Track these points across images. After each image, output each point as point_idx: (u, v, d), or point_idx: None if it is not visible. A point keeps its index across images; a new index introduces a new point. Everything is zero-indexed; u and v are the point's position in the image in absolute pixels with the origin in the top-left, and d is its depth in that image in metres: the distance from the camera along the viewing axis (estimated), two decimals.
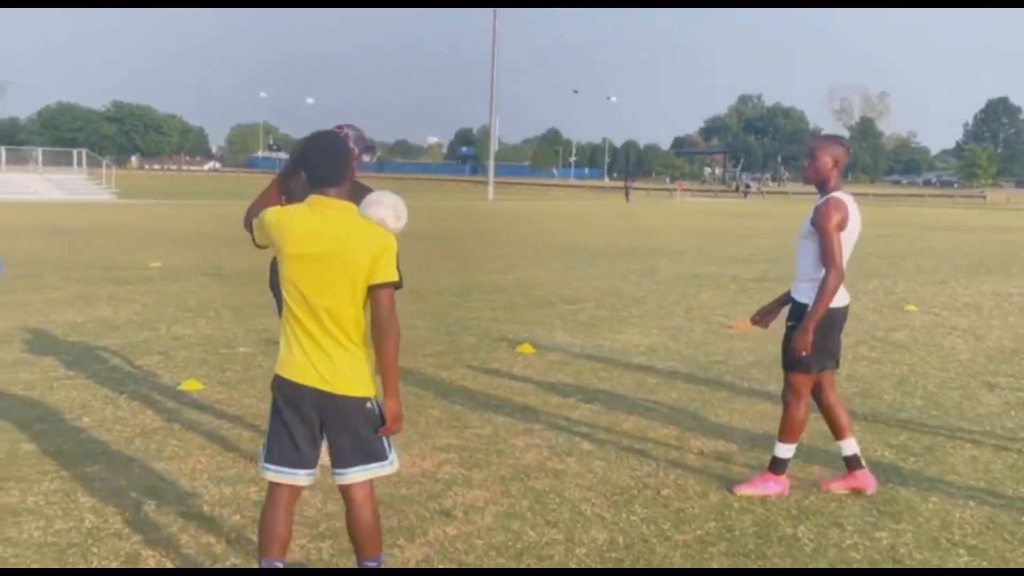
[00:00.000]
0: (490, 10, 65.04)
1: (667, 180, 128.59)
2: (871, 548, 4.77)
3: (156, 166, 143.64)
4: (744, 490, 5.53)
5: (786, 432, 5.57)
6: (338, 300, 3.56)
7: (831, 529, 5.01)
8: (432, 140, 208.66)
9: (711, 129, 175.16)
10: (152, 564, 4.35)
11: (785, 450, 5.58)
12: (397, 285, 3.63)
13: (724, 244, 25.80)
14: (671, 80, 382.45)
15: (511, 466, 5.93)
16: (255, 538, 4.59)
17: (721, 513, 5.20)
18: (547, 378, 8.49)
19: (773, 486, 5.53)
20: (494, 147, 71.45)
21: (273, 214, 3.68)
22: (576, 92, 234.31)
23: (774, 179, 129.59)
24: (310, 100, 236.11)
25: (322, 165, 3.63)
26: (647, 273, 17.69)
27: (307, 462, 3.68)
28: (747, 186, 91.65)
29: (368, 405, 3.63)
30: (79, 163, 52.72)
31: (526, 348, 9.73)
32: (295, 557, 4.46)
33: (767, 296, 15.24)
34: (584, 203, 59.34)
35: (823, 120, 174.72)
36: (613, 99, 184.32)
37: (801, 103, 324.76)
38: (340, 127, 5.31)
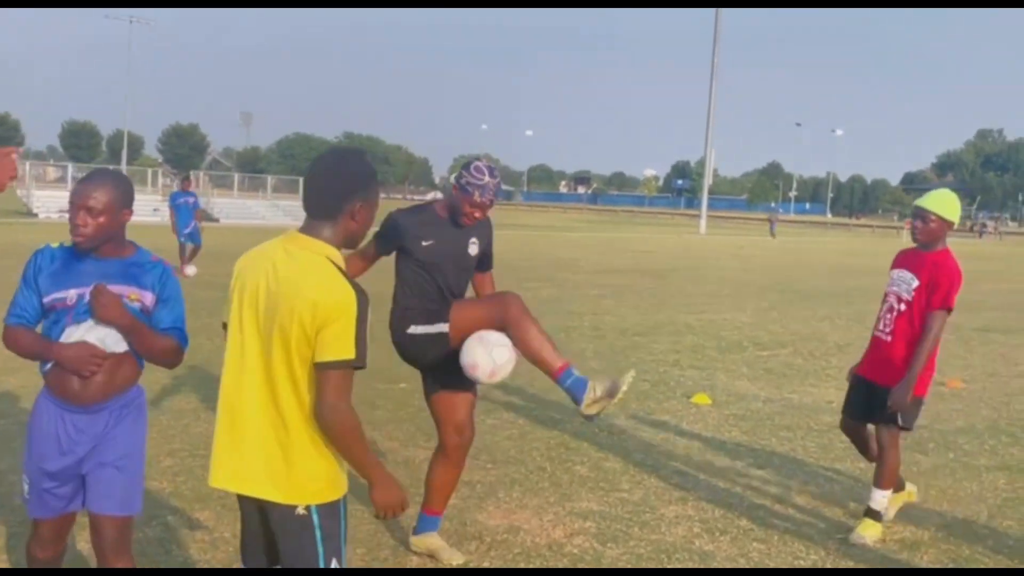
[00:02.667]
0: (710, 38, 63.86)
1: (895, 218, 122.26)
2: None
3: (384, 196, 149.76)
4: None
5: None
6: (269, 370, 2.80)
7: None
8: (648, 172, 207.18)
9: (945, 164, 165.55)
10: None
11: None
12: (356, 366, 2.74)
13: None
14: (902, 113, 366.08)
15: (653, 543, 5.19)
16: None
17: None
18: (718, 435, 7.66)
19: None
20: (708, 179, 69.80)
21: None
22: (799, 125, 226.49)
23: (1014, 219, 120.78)
24: (529, 132, 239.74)
25: (313, 189, 2.86)
26: (858, 318, 16.31)
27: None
28: (983, 226, 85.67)
29: (299, 511, 2.83)
30: None
31: (702, 398, 8.91)
32: None
33: (989, 349, 13.82)
34: (800, 239, 56.93)
35: None
36: (839, 132, 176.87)
37: None
38: (480, 163, 4.86)
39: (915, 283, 5.34)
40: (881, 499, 5.43)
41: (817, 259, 35.01)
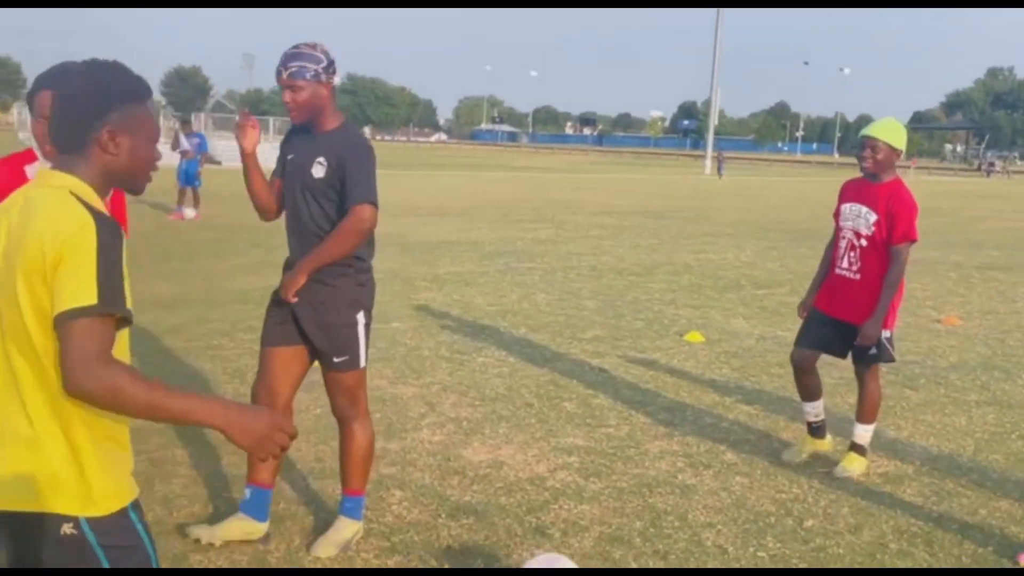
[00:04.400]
0: None
1: (903, 157, 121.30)
2: None
3: (387, 137, 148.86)
4: None
5: None
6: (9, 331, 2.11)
7: None
8: (655, 114, 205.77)
9: (954, 103, 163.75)
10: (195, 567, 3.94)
11: None
12: (103, 313, 2.00)
13: (953, 227, 23.61)
14: (911, 51, 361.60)
15: (635, 477, 5.21)
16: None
17: (872, 556, 4.30)
18: (708, 372, 7.65)
19: None
20: (714, 119, 69.27)
21: None
22: (806, 64, 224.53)
23: (1022, 158, 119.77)
24: (533, 73, 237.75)
25: (54, 116, 2.20)
26: None
27: None
28: (991, 165, 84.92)
29: (65, 529, 2.10)
30: None
31: (695, 336, 8.89)
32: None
33: (989, 287, 13.77)
34: (805, 179, 56.54)
35: None
36: (847, 71, 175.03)
37: None
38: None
39: (873, 217, 5.22)
40: (864, 433, 5.44)
41: (816, 200, 34.84)
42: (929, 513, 4.83)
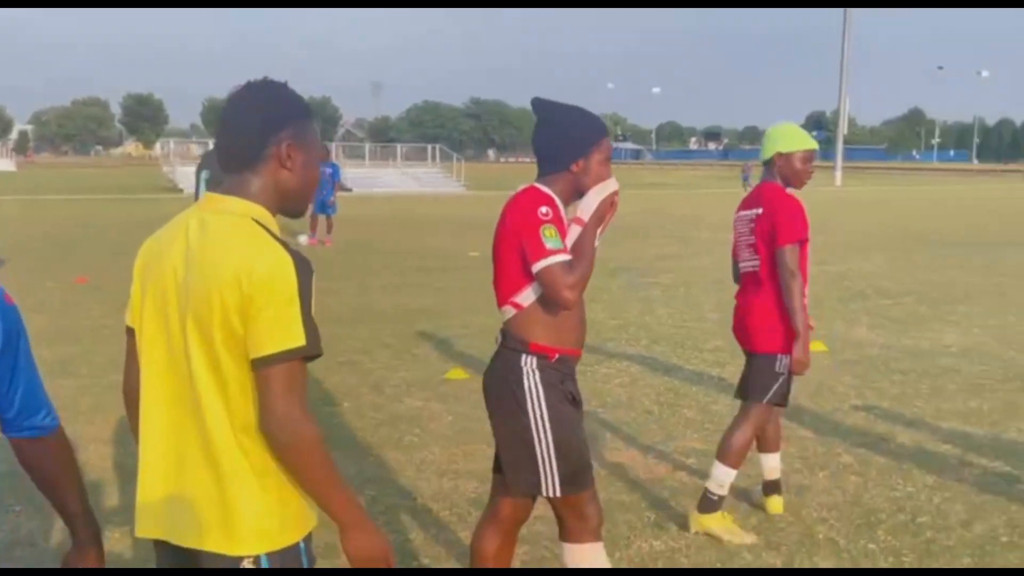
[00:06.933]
0: None
1: None
2: None
3: (511, 159, 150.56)
4: None
5: None
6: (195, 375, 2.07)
7: None
8: None
9: None
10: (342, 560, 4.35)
11: None
12: (308, 355, 2.03)
13: None
14: None
15: (752, 478, 5.41)
16: (454, 536, 4.53)
17: (982, 548, 4.44)
18: (829, 379, 7.78)
19: None
20: (843, 128, 67.73)
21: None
22: (941, 68, 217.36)
23: None
24: (656, 90, 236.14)
25: (225, 134, 2.18)
26: (991, 265, 15.94)
27: None
28: None
29: (246, 563, 2.07)
30: (433, 158, 56.24)
31: (816, 346, 8.97)
32: None
33: None
34: (943, 188, 54.91)
35: None
36: (984, 74, 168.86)
37: None
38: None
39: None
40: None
41: (955, 210, 33.87)
42: None
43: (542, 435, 3.18)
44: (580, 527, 3.31)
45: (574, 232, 3.21)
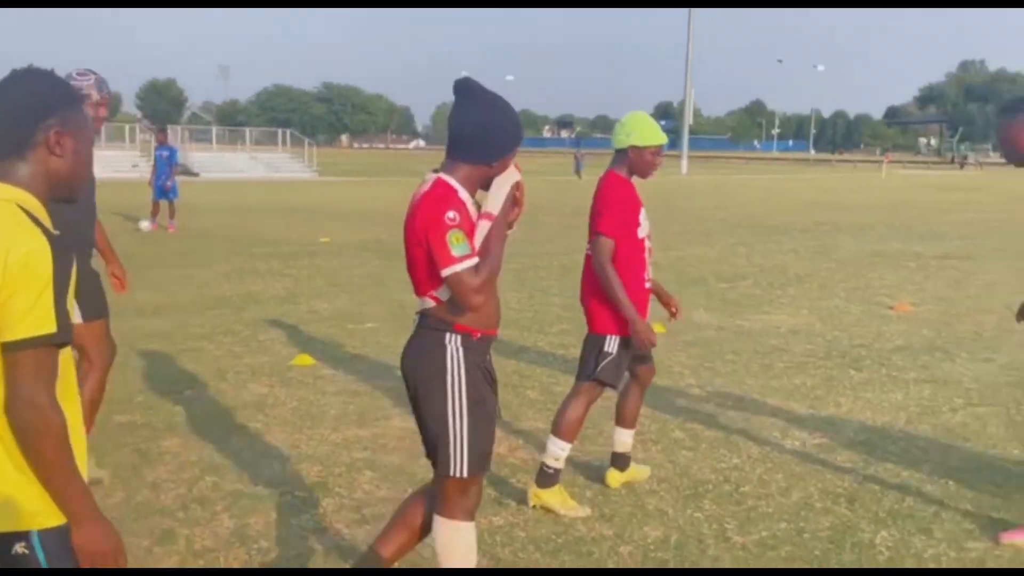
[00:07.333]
0: None
1: (877, 152, 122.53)
2: (956, 560, 4.22)
3: (365, 145, 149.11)
4: (1015, 538, 4.39)
5: None
6: None
7: (916, 537, 4.47)
8: None
9: (927, 98, 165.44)
10: (182, 544, 4.33)
11: None
12: (58, 342, 2.06)
13: (921, 219, 24.20)
14: (884, 47, 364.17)
15: (588, 453, 5.64)
16: (296, 520, 4.56)
17: (797, 514, 4.74)
18: (666, 360, 8.08)
19: None
20: (688, 119, 69.85)
21: None
22: (780, 61, 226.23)
23: (995, 149, 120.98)
24: (510, 77, 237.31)
25: None
26: (823, 250, 16.78)
27: None
28: (963, 157, 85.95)
29: (17, 549, 2.09)
30: (284, 142, 55.21)
31: (656, 327, 9.30)
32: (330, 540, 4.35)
33: (946, 275, 14.27)
34: (781, 176, 57.27)
35: None
36: (820, 68, 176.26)
37: None
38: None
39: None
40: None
41: (791, 197, 35.44)
42: (855, 476, 5.28)
43: (458, 416, 3.25)
44: (460, 505, 3.38)
45: (483, 228, 3.25)
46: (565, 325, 9.52)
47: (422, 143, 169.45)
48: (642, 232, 4.87)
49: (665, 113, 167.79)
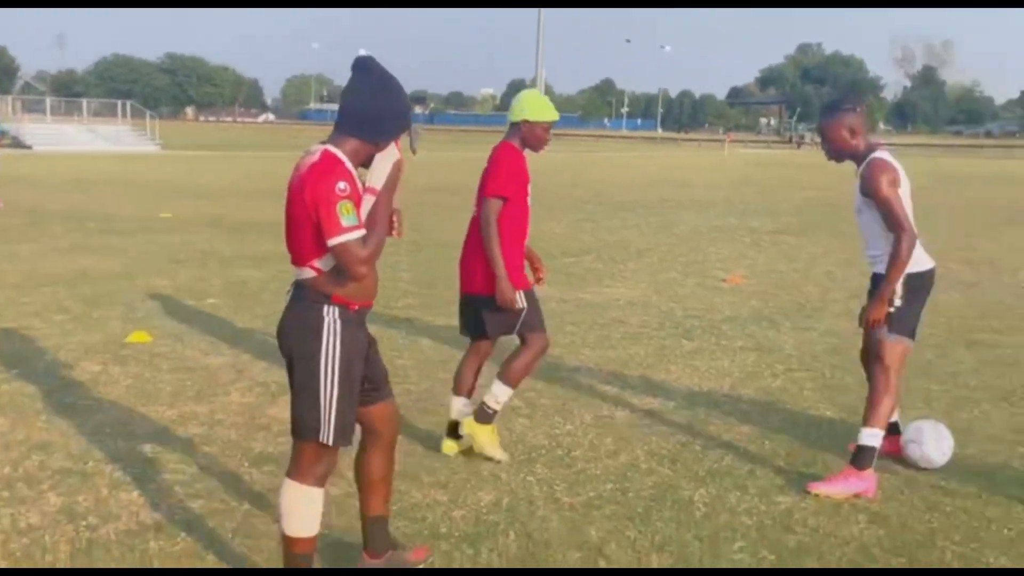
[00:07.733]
0: None
1: (721, 131, 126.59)
2: (765, 513, 4.52)
3: (212, 118, 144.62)
4: (821, 488, 4.71)
5: (873, 415, 4.76)
6: None
7: (732, 493, 4.76)
8: (486, 91, 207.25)
9: (768, 79, 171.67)
10: (6, 523, 4.23)
11: (871, 436, 4.75)
12: None
13: (756, 196, 25.23)
14: (727, 29, 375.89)
15: (427, 423, 5.76)
16: (128, 496, 4.51)
17: (623, 475, 4.98)
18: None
19: (856, 483, 4.70)
20: None
21: None
22: (629, 41, 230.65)
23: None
24: (362, 51, 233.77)
25: None
26: (664, 226, 17.33)
27: None
28: (801, 137, 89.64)
29: None
30: (124, 114, 53.12)
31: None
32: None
33: (778, 250, 15.00)
34: (629, 154, 58.55)
35: (884, 69, 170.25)
36: (667, 48, 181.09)
37: (862, 52, 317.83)
38: None
39: None
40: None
41: (638, 175, 36.31)
42: (679, 439, 5.56)
43: (330, 385, 3.34)
44: (312, 471, 3.46)
45: (368, 201, 3.33)
46: (410, 300, 9.59)
47: (272, 116, 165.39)
48: (530, 200, 5.17)
49: (518, 90, 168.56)
